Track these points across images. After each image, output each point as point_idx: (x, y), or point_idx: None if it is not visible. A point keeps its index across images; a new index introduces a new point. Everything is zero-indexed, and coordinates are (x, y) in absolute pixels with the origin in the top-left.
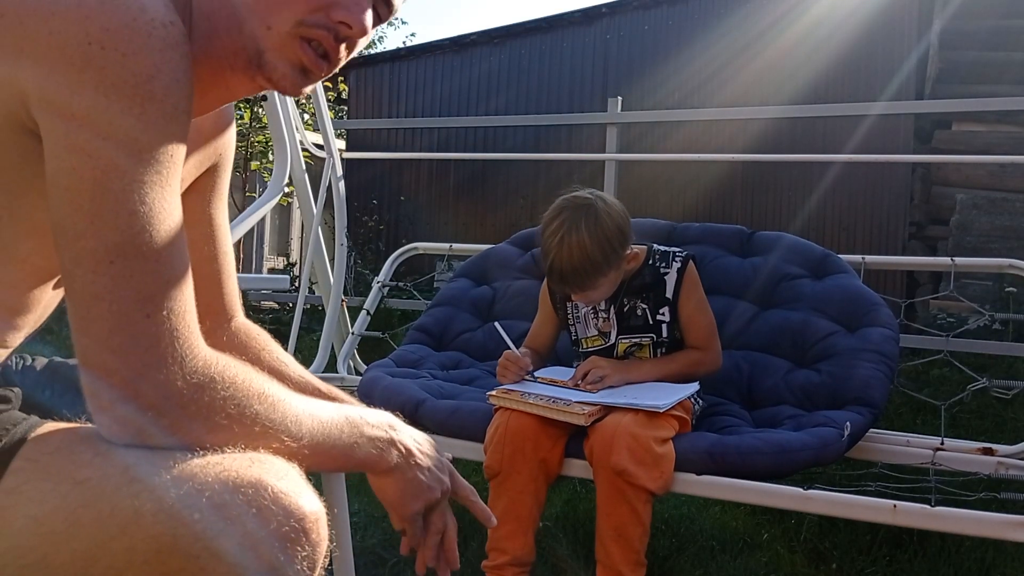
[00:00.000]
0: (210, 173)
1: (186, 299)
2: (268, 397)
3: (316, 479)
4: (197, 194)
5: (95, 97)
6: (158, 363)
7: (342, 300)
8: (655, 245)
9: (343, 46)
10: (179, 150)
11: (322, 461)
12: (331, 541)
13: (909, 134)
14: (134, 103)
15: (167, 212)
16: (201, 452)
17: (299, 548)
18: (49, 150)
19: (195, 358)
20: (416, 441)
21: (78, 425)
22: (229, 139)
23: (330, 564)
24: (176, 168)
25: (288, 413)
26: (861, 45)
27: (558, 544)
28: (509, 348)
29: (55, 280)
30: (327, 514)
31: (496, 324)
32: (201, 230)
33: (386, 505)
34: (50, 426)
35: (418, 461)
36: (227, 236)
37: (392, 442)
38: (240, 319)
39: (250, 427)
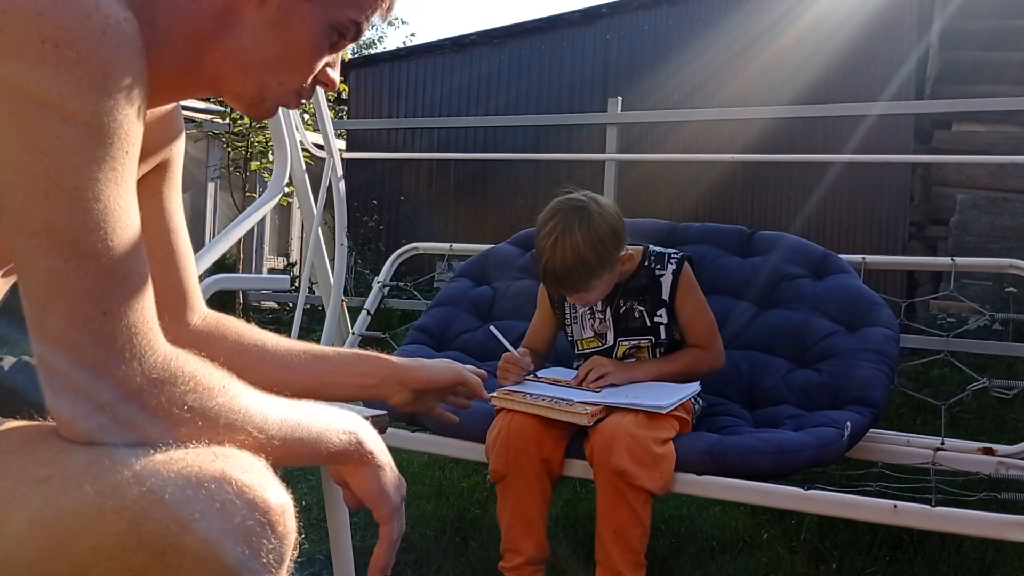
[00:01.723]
0: (160, 168)
1: (144, 295)
2: (229, 391)
3: (317, 478)
4: (148, 189)
5: (48, 95)
6: (116, 360)
7: (342, 300)
8: (651, 247)
9: None
10: (134, 147)
11: (292, 454)
12: (299, 533)
13: (909, 134)
14: (88, 100)
15: (123, 209)
16: (164, 448)
17: (265, 541)
18: (2, 147)
19: (154, 354)
20: (378, 444)
21: (39, 423)
22: (178, 132)
23: (330, 564)
24: (131, 164)
25: (252, 407)
26: (861, 45)
27: (558, 544)
28: (507, 350)
29: (5, 269)
30: (329, 514)
31: (491, 327)
32: (155, 224)
33: (369, 502)
34: (10, 424)
35: (382, 461)
36: (183, 230)
37: (359, 441)
38: (205, 310)
39: (214, 421)
